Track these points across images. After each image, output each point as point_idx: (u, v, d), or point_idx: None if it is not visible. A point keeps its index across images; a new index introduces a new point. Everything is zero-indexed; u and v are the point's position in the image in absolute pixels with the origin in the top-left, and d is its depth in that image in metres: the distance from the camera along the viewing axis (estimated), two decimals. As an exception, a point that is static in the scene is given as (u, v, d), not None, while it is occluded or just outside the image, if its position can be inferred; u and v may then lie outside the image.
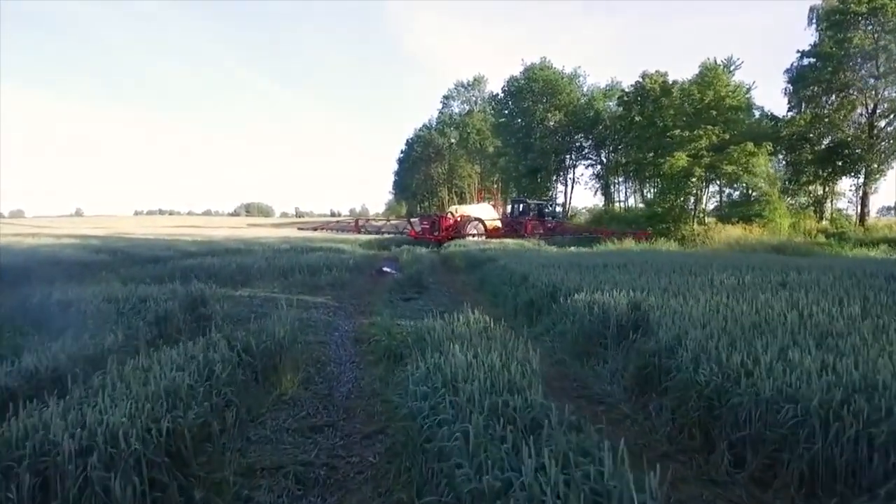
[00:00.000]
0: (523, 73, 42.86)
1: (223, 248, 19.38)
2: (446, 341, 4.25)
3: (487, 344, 4.08)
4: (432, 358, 3.83)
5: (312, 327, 7.25)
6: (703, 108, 26.56)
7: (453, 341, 4.15)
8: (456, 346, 3.82)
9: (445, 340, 4.31)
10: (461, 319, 5.17)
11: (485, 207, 29.08)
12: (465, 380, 3.19)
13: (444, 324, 5.00)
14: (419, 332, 5.08)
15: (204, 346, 3.93)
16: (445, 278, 12.89)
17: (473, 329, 4.90)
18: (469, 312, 5.31)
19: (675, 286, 6.85)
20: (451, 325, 4.98)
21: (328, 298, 9.64)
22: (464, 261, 15.64)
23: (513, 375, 3.26)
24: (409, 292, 9.86)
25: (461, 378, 3.22)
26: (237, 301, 8.97)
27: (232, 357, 3.94)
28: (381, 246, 26.44)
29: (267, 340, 4.51)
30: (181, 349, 3.87)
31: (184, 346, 4.10)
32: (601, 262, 10.02)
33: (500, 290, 9.10)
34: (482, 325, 4.99)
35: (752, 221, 25.60)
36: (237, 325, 7.01)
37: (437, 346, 4.27)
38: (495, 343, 4.14)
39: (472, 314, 5.28)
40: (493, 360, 3.48)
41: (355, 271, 13.38)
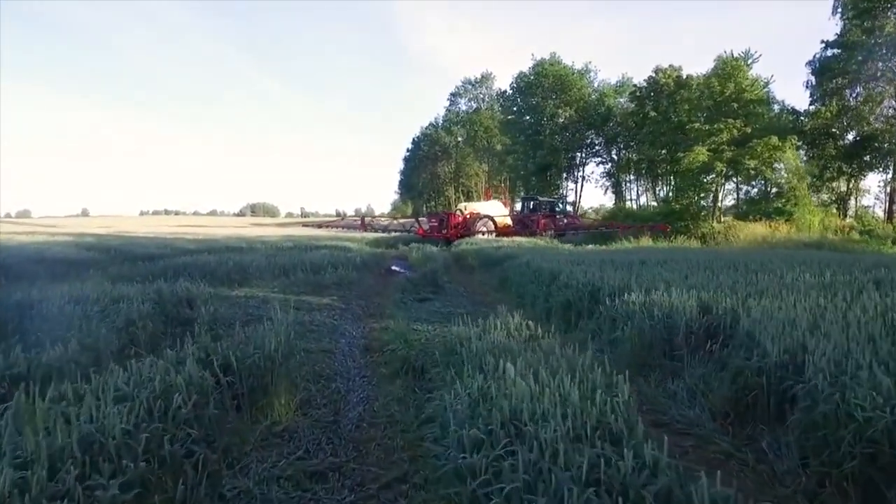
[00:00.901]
0: (533, 68, 41.87)
1: (223, 246, 18.41)
2: (487, 355, 3.24)
3: (545, 360, 3.07)
4: (473, 380, 2.84)
5: (315, 332, 6.27)
6: (724, 101, 25.42)
7: (497, 356, 3.15)
8: (507, 363, 2.82)
9: (486, 354, 3.30)
10: (499, 325, 4.17)
11: (495, 204, 28.08)
12: (533, 418, 2.19)
13: (478, 331, 3.98)
14: (448, 343, 4.10)
15: (165, 366, 2.92)
16: (460, 277, 11.89)
17: (517, 338, 3.90)
18: (509, 317, 4.30)
19: (741, 285, 5.82)
20: (489, 333, 3.96)
21: (333, 299, 8.66)
22: (477, 259, 14.65)
23: (602, 411, 2.25)
24: (424, 292, 8.86)
25: (527, 414, 2.22)
26: (232, 302, 8.01)
27: (204, 378, 2.93)
28: (389, 244, 25.52)
29: (255, 353, 3.50)
30: (133, 369, 2.86)
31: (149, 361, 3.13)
32: (636, 259, 9.00)
33: (527, 289, 8.09)
34: (527, 333, 3.99)
35: (772, 219, 24.50)
36: (229, 331, 6.07)
37: (474, 362, 3.27)
38: (553, 358, 3.13)
39: (513, 318, 4.27)
40: (567, 387, 2.48)
41: (363, 270, 12.39)
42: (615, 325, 5.36)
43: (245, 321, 6.62)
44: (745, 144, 24.11)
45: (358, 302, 8.60)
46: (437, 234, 24.24)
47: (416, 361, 4.66)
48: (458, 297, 8.96)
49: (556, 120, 40.08)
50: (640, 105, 34.09)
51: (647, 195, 42.68)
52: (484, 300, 8.74)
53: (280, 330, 3.99)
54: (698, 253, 11.84)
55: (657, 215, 27.59)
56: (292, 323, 4.84)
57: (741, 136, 24.62)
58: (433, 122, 66.30)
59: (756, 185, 29.47)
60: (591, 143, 42.30)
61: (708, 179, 27.13)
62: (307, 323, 6.69)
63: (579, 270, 7.56)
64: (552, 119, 40.28)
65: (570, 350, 3.37)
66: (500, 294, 9.20)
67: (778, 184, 26.99)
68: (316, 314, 7.35)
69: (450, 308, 7.83)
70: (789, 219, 24.12)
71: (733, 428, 3.33)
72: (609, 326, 5.43)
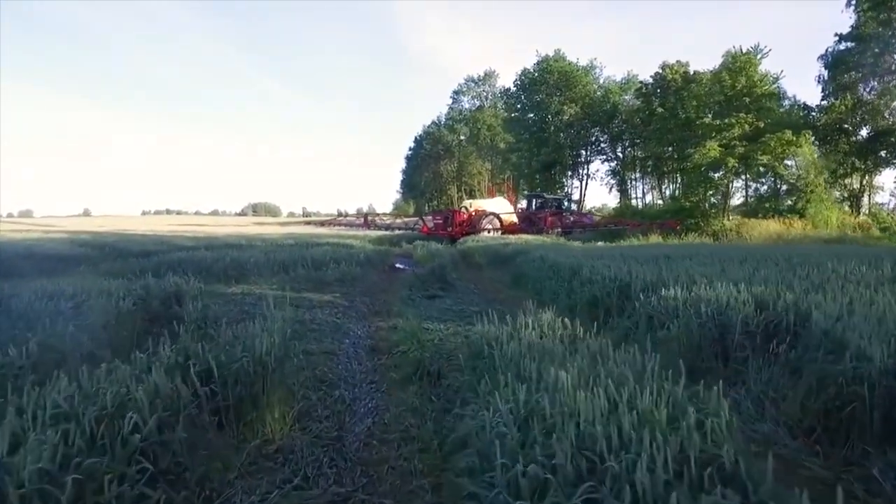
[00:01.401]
0: (537, 65, 41.18)
1: (223, 243, 17.81)
2: (526, 360, 2.65)
3: (601, 365, 2.48)
4: (515, 391, 2.25)
5: (316, 332, 5.69)
6: (736, 95, 24.75)
7: (539, 360, 2.56)
8: (557, 370, 2.23)
9: (524, 358, 2.71)
10: (531, 324, 3.58)
11: (500, 202, 27.49)
12: (611, 446, 1.60)
13: (509, 330, 3.39)
14: (473, 344, 3.52)
15: (128, 373, 2.33)
16: (469, 274, 11.29)
17: (551, 337, 3.32)
18: (543, 313, 3.71)
19: (791, 279, 5.23)
20: (520, 332, 3.37)
21: (336, 296, 8.08)
22: (485, 256, 14.07)
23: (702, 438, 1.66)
24: (432, 289, 8.27)
25: (603, 442, 1.63)
26: (226, 299, 7.45)
27: (177, 390, 2.34)
28: (392, 242, 24.94)
29: (244, 357, 2.90)
30: (84, 378, 2.27)
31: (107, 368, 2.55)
32: (659, 254, 8.42)
33: (545, 286, 7.49)
34: (563, 332, 3.40)
35: (783, 216, 23.85)
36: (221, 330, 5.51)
37: (510, 368, 2.68)
38: (610, 364, 2.54)
39: (546, 314, 3.68)
40: (646, 403, 1.89)
41: (367, 266, 11.81)
42: (652, 323, 4.79)
43: (239, 319, 6.06)
44: (758, 140, 23.44)
45: (362, 299, 8.02)
46: (442, 231, 23.66)
47: (430, 365, 4.08)
48: (469, 294, 8.37)
49: (561, 117, 39.40)
50: (647, 102, 33.42)
51: (652, 193, 42.07)
52: (497, 297, 8.15)
53: (274, 329, 3.40)
54: (720, 248, 11.24)
55: (666, 213, 26.92)
56: (289, 320, 4.25)
57: (753, 131, 23.94)
58: (436, 121, 65.77)
59: (766, 182, 28.79)
60: (597, 140, 41.65)
61: (718, 176, 26.44)
62: (307, 321, 6.12)
63: (601, 265, 6.97)
64: (557, 116, 39.60)
65: (632, 354, 2.77)
66: (514, 291, 8.60)
67: (789, 181, 26.35)
68: (317, 312, 6.77)
69: (462, 305, 7.24)
70: (802, 215, 23.50)
71: (822, 447, 2.74)
72: (645, 325, 4.85)
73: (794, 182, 25.62)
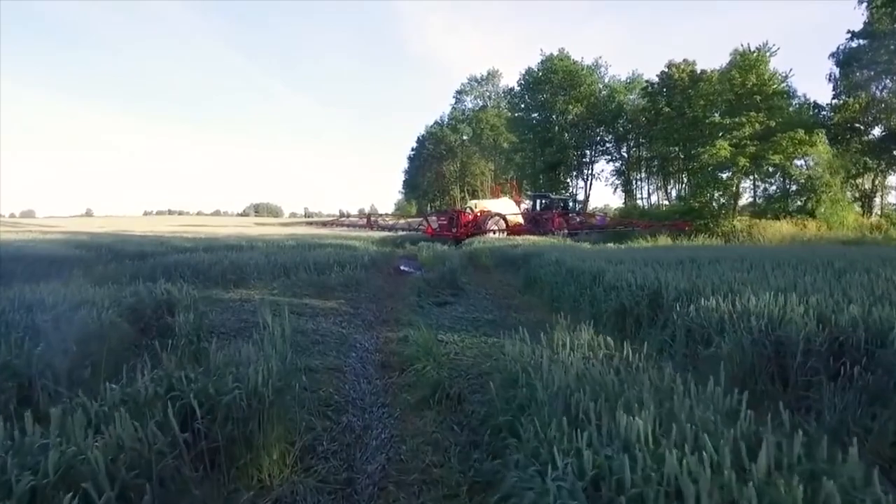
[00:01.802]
0: (541, 64, 40.69)
1: (223, 244, 17.34)
2: (578, 393, 2.18)
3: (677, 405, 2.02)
4: (567, 439, 1.80)
5: (320, 344, 5.23)
6: (746, 94, 24.23)
7: (590, 393, 2.10)
8: (629, 415, 1.77)
9: (573, 391, 2.24)
10: (565, 341, 3.12)
11: (506, 202, 26.99)
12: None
13: (549, 353, 2.92)
14: (505, 369, 3.04)
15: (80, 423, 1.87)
16: (478, 278, 10.83)
17: (591, 358, 2.86)
18: (582, 331, 3.25)
19: (841, 289, 4.75)
20: (558, 353, 2.91)
21: (340, 303, 7.63)
22: (493, 258, 13.61)
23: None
24: (442, 295, 7.81)
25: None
26: (224, 306, 7.01)
27: (148, 441, 1.88)
28: (396, 244, 24.50)
29: (236, 389, 2.44)
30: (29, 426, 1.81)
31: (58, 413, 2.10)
32: (684, 257, 7.93)
33: (563, 292, 7.01)
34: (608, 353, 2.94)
35: (793, 216, 23.36)
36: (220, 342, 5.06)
37: (557, 403, 2.22)
38: (686, 402, 2.08)
39: (585, 331, 3.23)
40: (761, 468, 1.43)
41: (371, 269, 11.36)
42: (691, 336, 4.33)
43: (237, 330, 5.62)
44: (769, 139, 22.93)
45: (368, 306, 7.56)
46: (447, 232, 23.18)
47: (449, 386, 3.63)
48: (482, 299, 7.91)
49: (566, 116, 38.93)
50: (653, 101, 32.96)
51: (658, 194, 41.56)
52: (510, 303, 7.69)
53: (272, 353, 2.92)
54: (745, 251, 10.73)
55: (674, 213, 26.44)
56: (289, 337, 3.78)
57: (763, 130, 23.43)
58: (438, 121, 65.31)
59: (775, 182, 28.28)
60: (601, 140, 41.18)
61: (728, 175, 25.93)
62: (310, 332, 5.67)
63: (625, 270, 6.50)
64: (562, 115, 39.13)
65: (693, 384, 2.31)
66: (529, 297, 8.14)
67: (798, 181, 25.89)
68: (321, 321, 6.32)
69: (475, 313, 6.79)
70: (813, 216, 23.02)
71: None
72: (683, 339, 4.39)
73: (804, 182, 25.15)
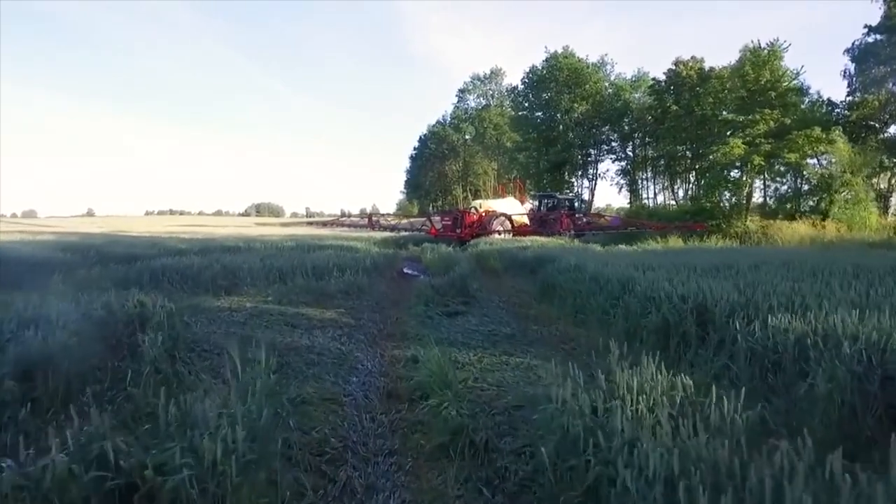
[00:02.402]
0: (545, 62, 39.92)
1: (219, 245, 16.66)
2: (686, 477, 1.48)
3: None
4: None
5: (315, 366, 4.52)
6: (760, 90, 23.48)
7: (697, 476, 1.39)
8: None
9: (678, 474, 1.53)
10: (631, 384, 2.41)
11: (511, 202, 26.28)
12: None
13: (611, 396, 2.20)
14: (556, 423, 2.33)
15: None
16: (489, 283, 10.13)
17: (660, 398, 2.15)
18: (649, 366, 2.55)
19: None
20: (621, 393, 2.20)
21: (340, 312, 6.93)
22: (501, 261, 12.91)
23: None
24: (452, 303, 7.10)
25: None
26: (212, 316, 6.32)
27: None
28: (399, 244, 23.78)
29: (186, 468, 1.73)
30: None
31: None
32: (718, 262, 7.23)
33: (588, 303, 6.29)
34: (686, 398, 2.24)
35: (806, 217, 22.59)
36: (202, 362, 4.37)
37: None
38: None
39: (649, 365, 2.53)
40: None
41: (373, 273, 10.65)
42: (753, 361, 3.63)
43: (222, 348, 4.93)
44: (784, 137, 22.17)
45: (371, 315, 6.85)
46: (451, 233, 22.47)
47: (473, 430, 2.92)
48: (495, 309, 7.19)
49: (571, 115, 38.16)
50: (660, 99, 32.17)
51: (664, 194, 40.76)
52: (527, 313, 6.98)
53: (238, 415, 2.16)
54: (779, 254, 10.01)
55: (684, 213, 25.68)
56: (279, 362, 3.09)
57: (778, 127, 22.68)
58: (440, 120, 64.57)
59: (786, 182, 27.48)
60: (608, 138, 40.41)
61: (740, 175, 25.20)
62: (304, 350, 4.97)
63: (660, 278, 5.80)
64: (567, 114, 38.38)
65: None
66: (546, 306, 7.42)
67: (811, 180, 25.16)
68: (317, 335, 5.62)
69: (490, 325, 6.08)
70: (826, 216, 22.27)
71: None
72: (745, 363, 3.68)
73: (816, 182, 24.40)
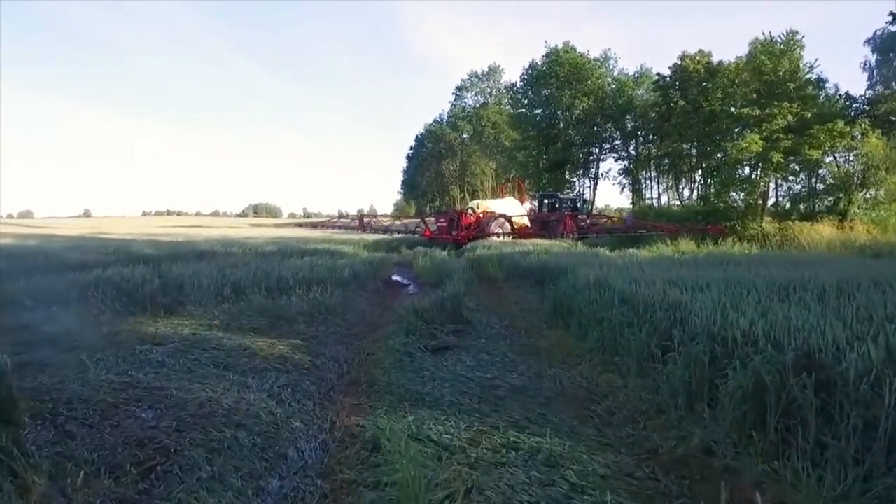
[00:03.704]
0: (545, 57, 38.32)
1: (191, 251, 15.10)
2: None
3: None
4: None
5: (222, 455, 2.93)
6: (777, 82, 21.91)
7: None
8: None
9: None
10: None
11: (510, 202, 24.72)
12: None
13: None
14: None
15: None
16: (487, 297, 8.57)
17: None
18: None
19: None
20: None
21: (296, 344, 5.36)
22: (501, 268, 11.38)
23: None
24: (441, 332, 5.52)
25: None
26: (126, 353, 4.76)
27: None
28: (391, 247, 22.23)
29: None
30: None
31: None
32: (784, 279, 5.68)
33: (620, 337, 4.67)
34: None
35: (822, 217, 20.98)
36: (51, 453, 2.84)
37: None
38: None
39: None
40: None
41: (352, 286, 9.09)
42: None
43: (104, 413, 3.38)
44: (804, 132, 20.59)
45: (334, 350, 5.26)
46: (447, 235, 20.90)
47: None
48: (496, 339, 5.61)
49: (572, 112, 36.58)
50: (665, 95, 30.57)
51: (668, 193, 39.16)
52: (538, 345, 5.40)
53: None
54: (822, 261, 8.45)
55: (695, 214, 24.10)
56: None
57: (797, 122, 21.09)
58: (437, 119, 63.07)
59: (800, 181, 25.86)
60: (610, 136, 38.85)
61: (758, 173, 23.64)
62: (221, 416, 3.40)
63: (719, 302, 4.24)
64: (567, 111, 36.81)
65: None
66: (561, 333, 5.84)
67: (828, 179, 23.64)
68: (252, 385, 4.05)
69: (490, 369, 4.49)
70: (844, 217, 20.71)
71: None
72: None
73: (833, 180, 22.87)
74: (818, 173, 24.29)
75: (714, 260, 9.81)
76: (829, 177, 23.33)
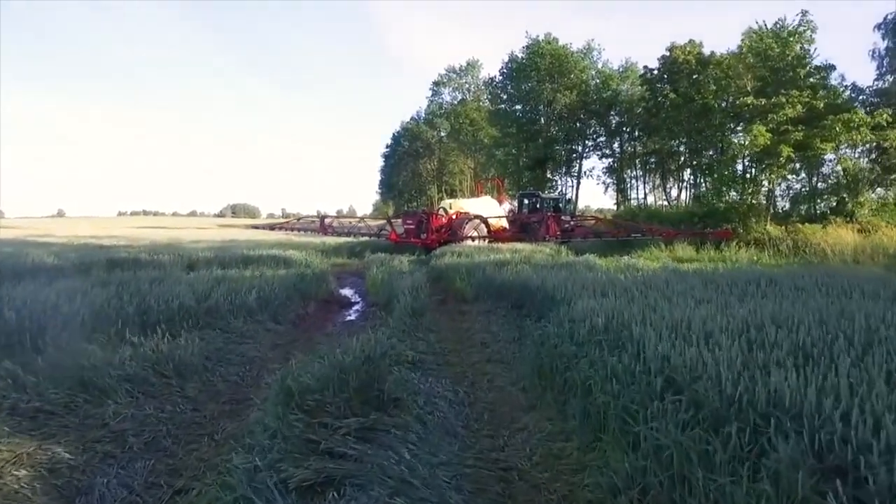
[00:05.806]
0: (526, 48, 36.04)
1: (106, 259, 12.48)
2: None
3: None
4: None
5: None
6: (785, 68, 19.81)
7: None
8: None
9: None
10: None
11: (487, 202, 22.37)
12: None
13: None
14: None
15: None
16: (445, 332, 6.13)
17: None
18: None
19: None
20: None
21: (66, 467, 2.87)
22: (470, 282, 9.03)
23: None
24: (336, 431, 3.06)
25: None
26: None
27: None
28: (353, 252, 19.77)
29: None
30: None
31: None
32: None
33: (661, 443, 2.31)
34: None
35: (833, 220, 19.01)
36: None
37: None
38: None
39: None
40: None
41: (263, 314, 6.60)
42: None
43: None
44: (814, 124, 18.49)
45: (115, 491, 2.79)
46: (415, 239, 18.52)
47: None
48: (440, 440, 3.14)
49: (554, 107, 34.39)
50: (652, 89, 28.43)
51: (654, 193, 37.08)
52: (509, 445, 3.00)
53: None
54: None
55: (691, 216, 21.97)
56: None
57: (807, 112, 18.97)
58: (414, 116, 60.61)
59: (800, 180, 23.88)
60: (594, 132, 36.69)
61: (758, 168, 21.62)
62: None
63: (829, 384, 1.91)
64: (549, 106, 34.62)
65: None
66: (549, 414, 3.41)
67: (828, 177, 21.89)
68: None
69: None
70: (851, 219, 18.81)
71: None
72: None
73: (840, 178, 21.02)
74: (819, 171, 22.46)
75: (741, 276, 7.43)
76: (835, 175, 21.54)
